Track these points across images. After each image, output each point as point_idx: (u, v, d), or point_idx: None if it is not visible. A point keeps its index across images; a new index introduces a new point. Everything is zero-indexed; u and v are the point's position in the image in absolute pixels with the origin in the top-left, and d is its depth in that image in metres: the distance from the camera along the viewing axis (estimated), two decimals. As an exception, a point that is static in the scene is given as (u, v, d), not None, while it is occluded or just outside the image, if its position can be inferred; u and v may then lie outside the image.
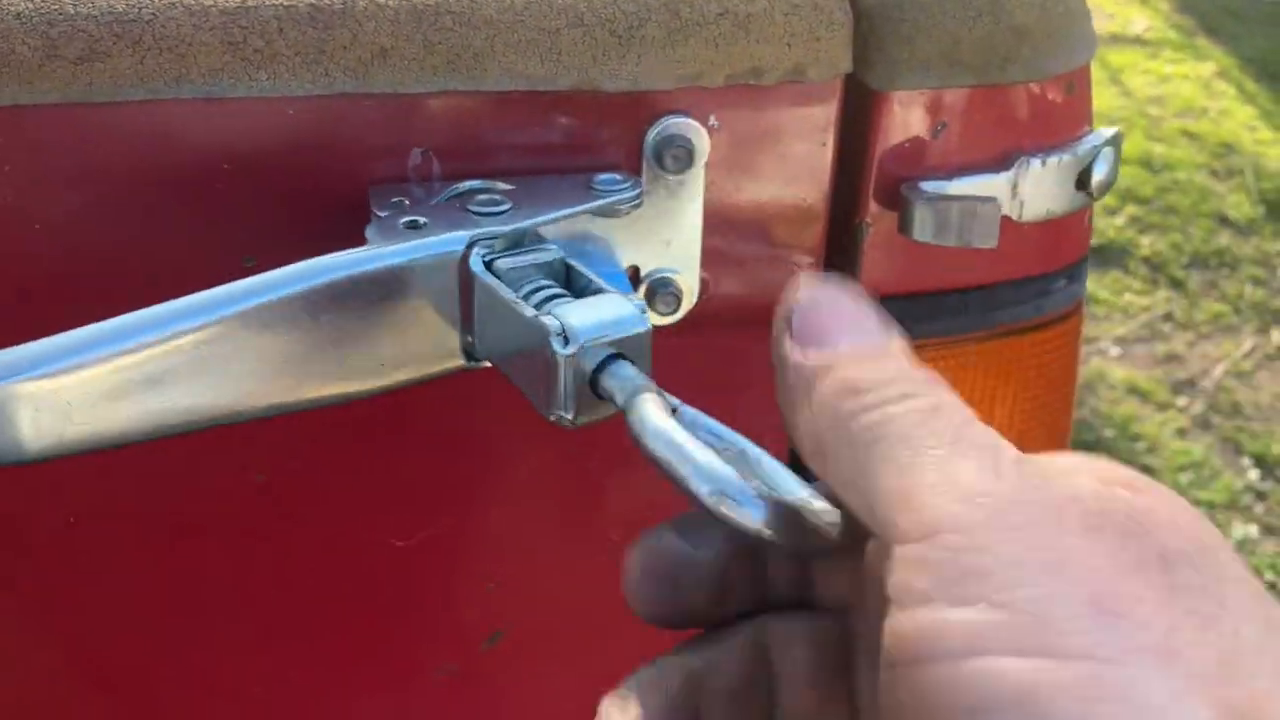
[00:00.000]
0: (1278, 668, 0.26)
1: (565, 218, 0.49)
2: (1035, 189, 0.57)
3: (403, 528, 0.63)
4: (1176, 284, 2.93)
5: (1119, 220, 3.10)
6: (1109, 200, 3.15)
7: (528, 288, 0.46)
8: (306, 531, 0.62)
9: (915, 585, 0.28)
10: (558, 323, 0.42)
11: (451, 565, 0.64)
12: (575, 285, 0.48)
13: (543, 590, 0.67)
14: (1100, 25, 4.07)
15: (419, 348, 0.47)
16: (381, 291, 0.45)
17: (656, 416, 0.38)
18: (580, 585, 0.67)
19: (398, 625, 0.66)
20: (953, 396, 0.32)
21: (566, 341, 0.42)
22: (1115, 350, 2.71)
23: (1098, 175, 0.59)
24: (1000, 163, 0.57)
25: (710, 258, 0.57)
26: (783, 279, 0.58)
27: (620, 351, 0.43)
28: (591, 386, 0.42)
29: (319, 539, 0.63)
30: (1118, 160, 0.61)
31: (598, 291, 0.46)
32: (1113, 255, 2.99)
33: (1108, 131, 0.60)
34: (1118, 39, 4.00)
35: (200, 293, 0.42)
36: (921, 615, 0.27)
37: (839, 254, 0.59)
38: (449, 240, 0.47)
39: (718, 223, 0.56)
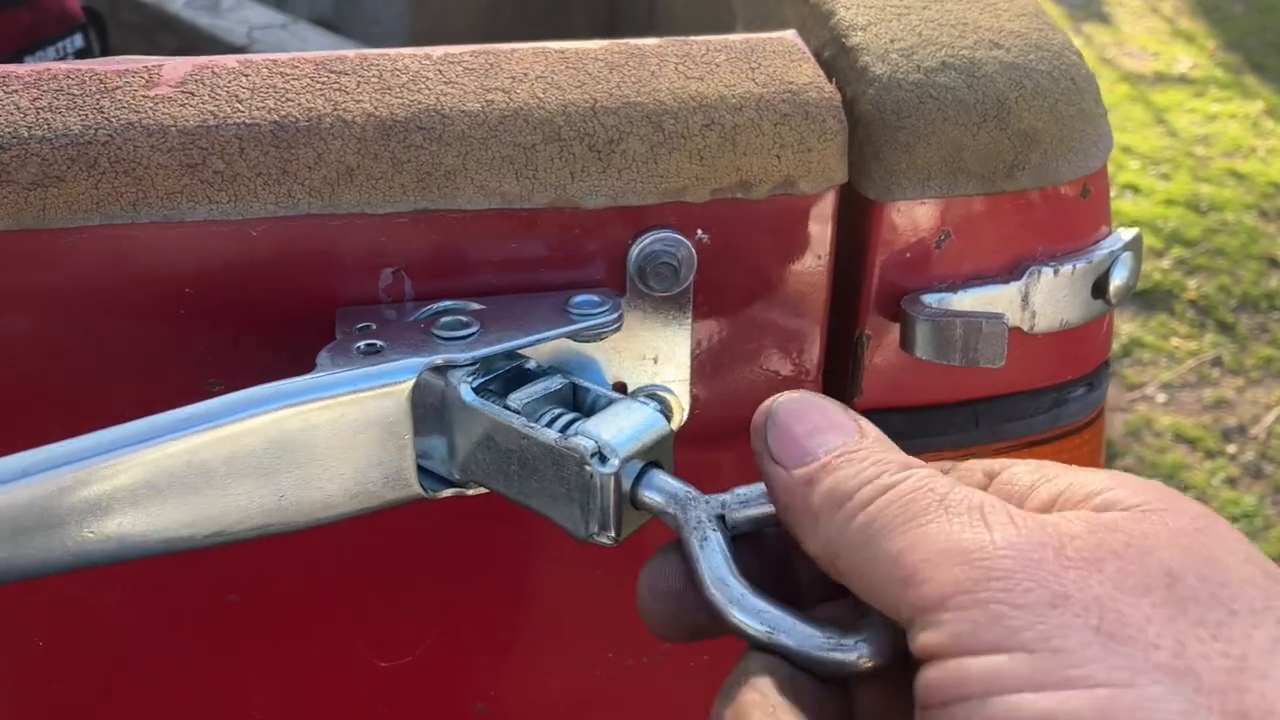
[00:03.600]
0: None
1: (534, 344, 0.47)
2: (1048, 299, 0.54)
3: (386, 648, 0.60)
4: (1225, 328, 2.85)
5: (1165, 263, 3.03)
6: (1155, 242, 3.08)
7: (545, 417, 0.44)
8: (285, 652, 0.60)
9: (935, 647, 0.30)
10: (591, 442, 0.41)
11: (438, 686, 0.61)
12: (582, 402, 0.46)
13: (535, 711, 0.63)
14: (1144, 64, 4.01)
15: (367, 479, 0.44)
16: (326, 421, 0.43)
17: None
18: (574, 704, 0.64)
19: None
20: (929, 471, 0.35)
21: (604, 460, 0.40)
22: (1162, 396, 2.64)
23: (1116, 281, 0.55)
24: (1009, 272, 0.54)
25: (702, 374, 0.54)
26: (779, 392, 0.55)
27: (653, 460, 0.41)
28: (630, 500, 0.41)
29: (299, 660, 0.60)
30: (1138, 263, 0.57)
31: (609, 403, 0.45)
32: (1159, 298, 2.92)
33: (1127, 233, 0.57)
34: (1163, 78, 3.92)
35: (128, 424, 0.40)
36: (945, 666, 0.30)
37: (839, 366, 0.56)
38: (401, 367, 0.44)
39: (709, 338, 0.53)
